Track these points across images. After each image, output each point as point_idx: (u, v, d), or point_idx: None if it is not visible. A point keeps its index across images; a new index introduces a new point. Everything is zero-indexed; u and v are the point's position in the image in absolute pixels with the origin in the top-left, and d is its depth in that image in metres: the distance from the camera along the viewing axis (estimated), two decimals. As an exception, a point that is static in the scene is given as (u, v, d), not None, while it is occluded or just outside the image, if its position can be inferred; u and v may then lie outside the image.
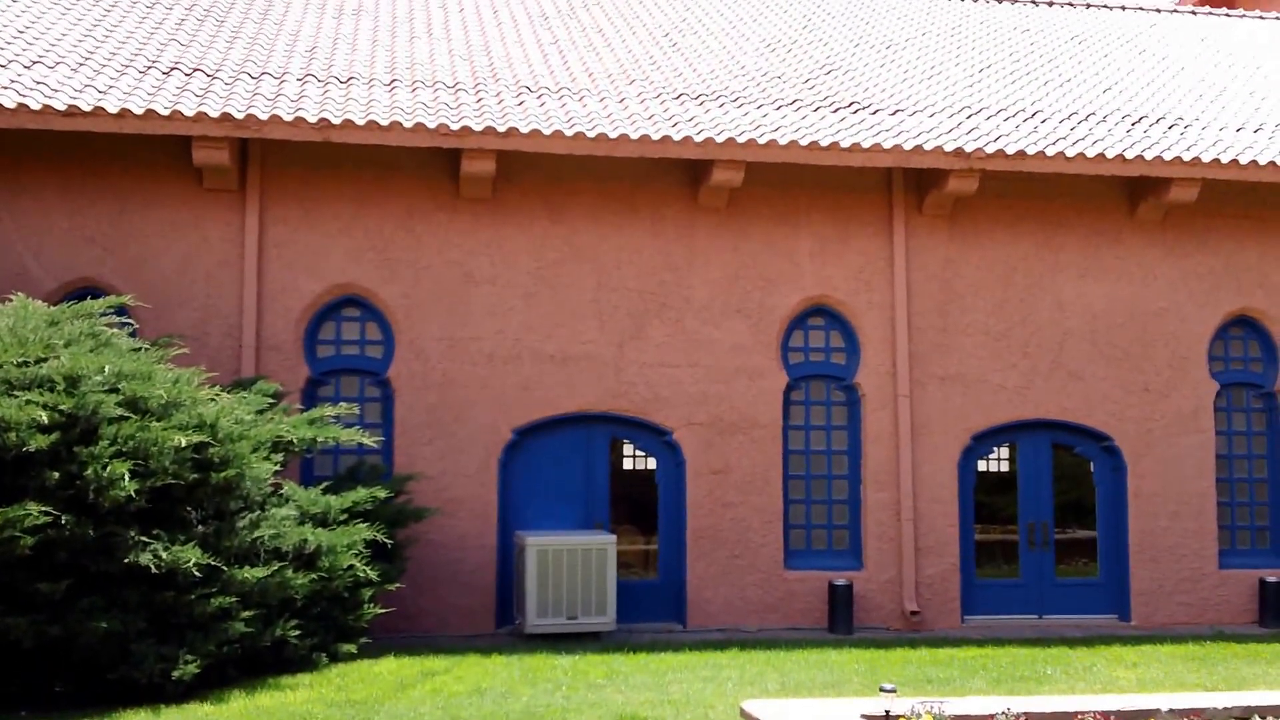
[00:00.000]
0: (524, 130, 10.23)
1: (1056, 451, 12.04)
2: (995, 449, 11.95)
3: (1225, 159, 11.17)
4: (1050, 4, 16.97)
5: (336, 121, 10.00)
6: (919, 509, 11.40)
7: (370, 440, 9.45)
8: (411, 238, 10.87)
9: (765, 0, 15.89)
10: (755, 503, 11.18)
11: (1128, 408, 11.83)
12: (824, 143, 10.71)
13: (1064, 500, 12.63)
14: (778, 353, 11.38)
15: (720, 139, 10.53)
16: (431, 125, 10.11)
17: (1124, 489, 11.84)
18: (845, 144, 10.74)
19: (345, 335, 10.98)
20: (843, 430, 11.63)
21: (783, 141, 10.65)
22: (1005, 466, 14.95)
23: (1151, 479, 11.82)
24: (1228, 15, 17.62)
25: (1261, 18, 17.58)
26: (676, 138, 10.49)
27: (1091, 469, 12.05)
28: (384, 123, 10.07)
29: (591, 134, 10.33)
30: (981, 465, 11.96)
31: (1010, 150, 10.93)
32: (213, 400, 8.09)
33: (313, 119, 9.96)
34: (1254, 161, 11.19)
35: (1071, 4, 16.95)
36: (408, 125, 10.09)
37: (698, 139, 10.50)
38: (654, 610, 11.17)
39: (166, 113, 9.74)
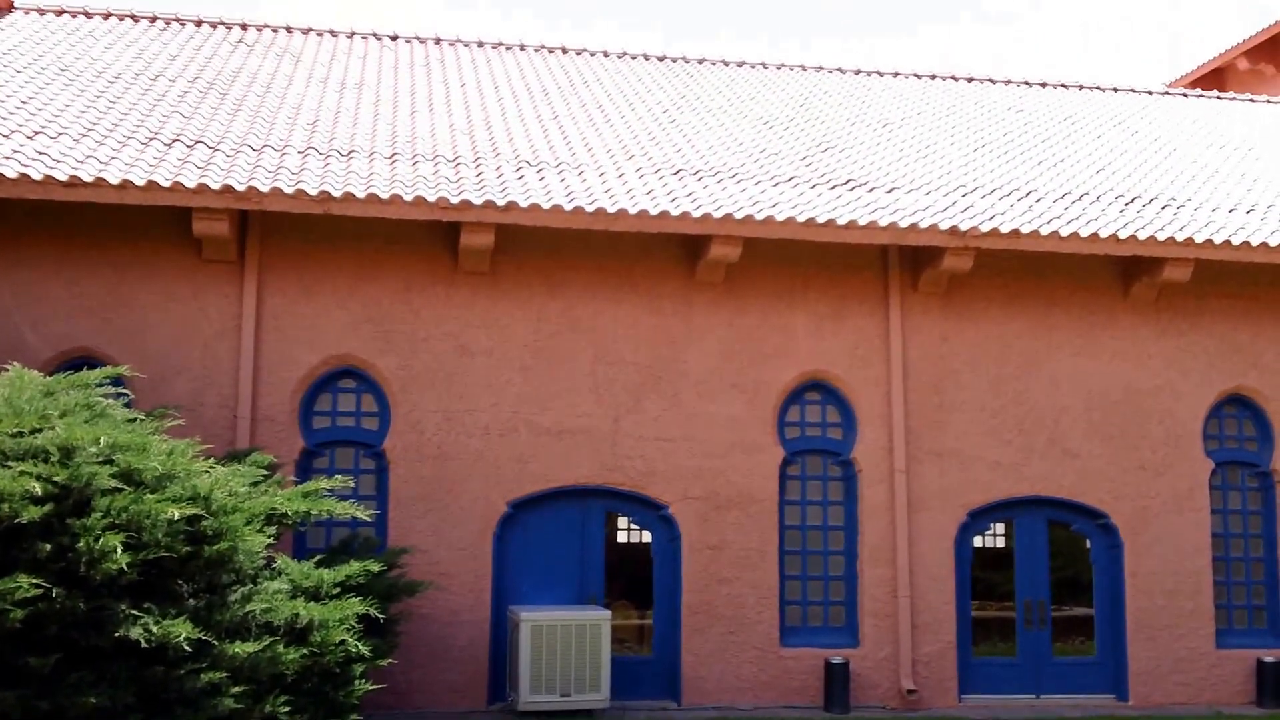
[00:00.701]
0: (523, 204, 10.31)
1: (1053, 528, 12.00)
2: (992, 525, 11.90)
3: (1218, 240, 11.27)
4: (1044, 85, 17.22)
5: (337, 194, 10.07)
6: (915, 586, 11.33)
7: (364, 514, 9.39)
8: (409, 310, 10.90)
9: (763, 78, 16.11)
10: (751, 579, 11.10)
11: (1124, 485, 11.82)
12: (821, 219, 10.80)
13: (1061, 577, 12.56)
14: (774, 427, 11.37)
15: (718, 215, 10.61)
16: (431, 199, 10.19)
17: (1121, 567, 11.79)
18: (842, 221, 10.83)
19: (341, 407, 10.96)
20: (839, 505, 11.59)
21: (780, 218, 10.74)
22: (1001, 543, 14.88)
23: (1148, 557, 11.77)
24: (1219, 98, 17.89)
25: (1252, 101, 17.85)
26: (675, 213, 10.57)
27: (1088, 546, 12.00)
28: (384, 195, 10.14)
29: (590, 209, 10.41)
30: (978, 541, 11.90)
31: (1005, 229, 11.02)
32: (207, 472, 8.04)
33: (313, 191, 10.03)
34: (1246, 242, 11.29)
35: (1064, 85, 17.21)
36: (408, 198, 10.16)
37: (696, 214, 10.59)
38: (648, 687, 11.04)
39: (168, 184, 9.80)
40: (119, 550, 7.05)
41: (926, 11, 44.90)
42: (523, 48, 16.18)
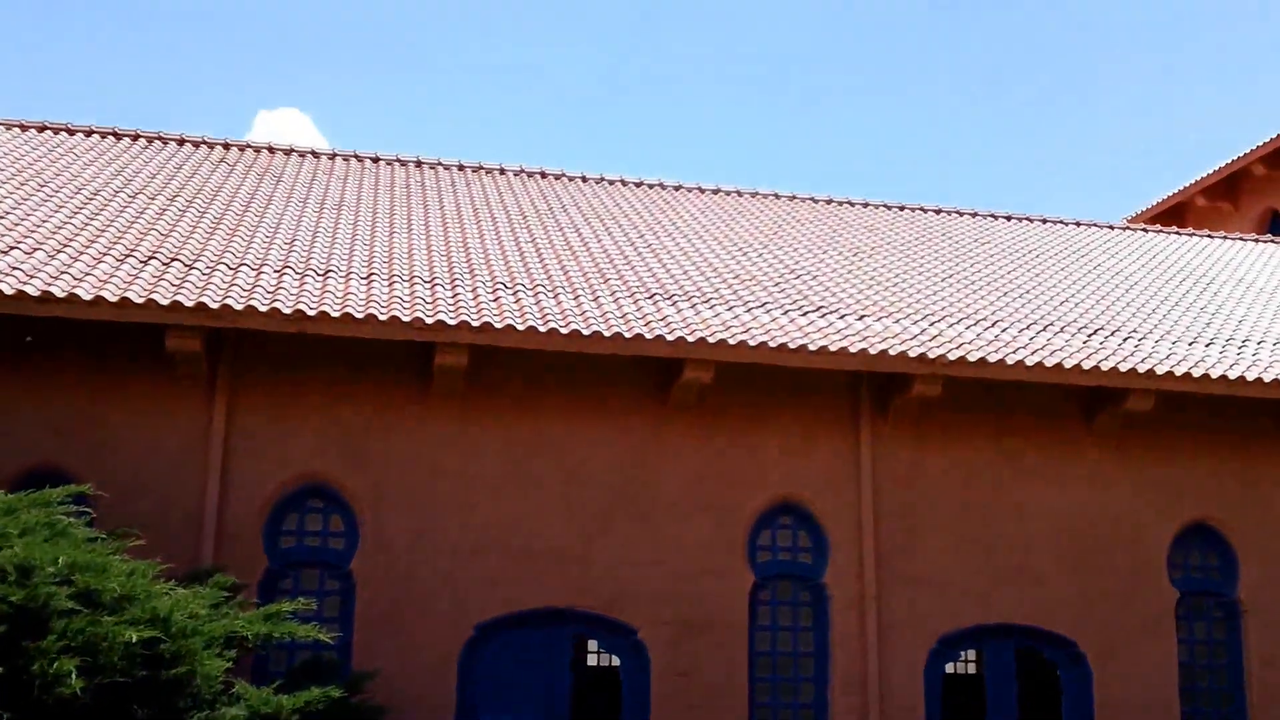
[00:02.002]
0: (498, 326, 10.39)
1: (1024, 656, 11.92)
2: (963, 652, 11.83)
3: (1179, 372, 11.47)
4: (1009, 218, 17.65)
5: (312, 313, 10.12)
6: (886, 714, 11.19)
7: (327, 637, 9.24)
8: (381, 430, 10.88)
9: (737, 205, 16.44)
10: (721, 705, 10.95)
11: (1091, 614, 11.81)
12: (792, 345, 10.93)
13: (1032, 704, 12.46)
14: (745, 551, 11.34)
15: (691, 339, 10.73)
16: (406, 319, 10.26)
17: (1089, 696, 11.73)
18: (813, 347, 10.96)
19: (308, 526, 10.86)
20: (809, 631, 11.51)
21: (752, 343, 10.86)
22: (973, 669, 14.73)
23: (1116, 685, 11.71)
24: (1177, 234, 18.37)
25: (1209, 237, 18.34)
26: (649, 336, 10.68)
27: (1059, 674, 11.94)
28: (359, 315, 10.20)
29: (565, 331, 10.51)
30: (949, 668, 11.81)
31: (972, 358, 11.18)
32: (167, 594, 7.92)
33: (288, 310, 10.09)
34: (1206, 375, 11.49)
35: (1029, 219, 17.65)
36: (382, 318, 10.23)
37: (669, 338, 10.70)
38: (613, 819, 10.78)
39: (141, 300, 9.83)
40: (74, 674, 6.91)
41: (898, 146, 46.13)
42: (502, 171, 16.48)
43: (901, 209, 17.51)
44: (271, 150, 15.77)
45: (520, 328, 10.43)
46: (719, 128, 45.39)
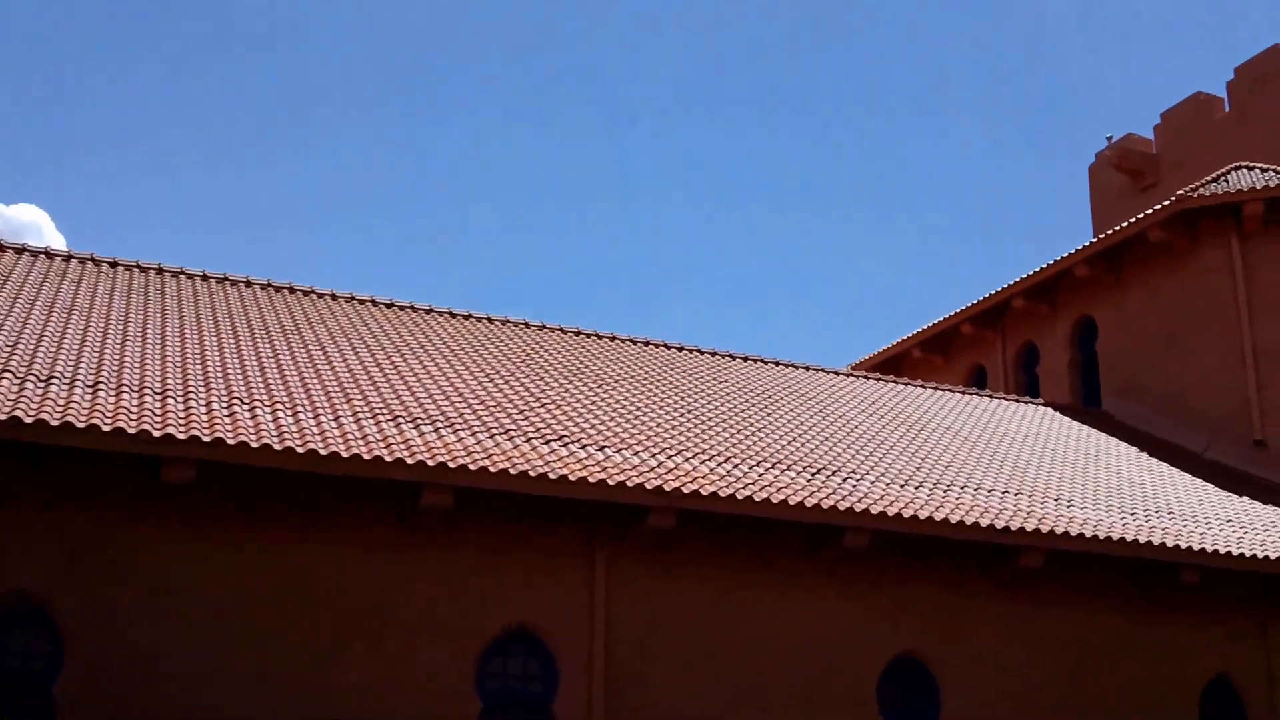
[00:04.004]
0: (230, 442, 10.14)
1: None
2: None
3: (891, 512, 12.28)
4: (744, 359, 18.59)
5: (29, 420, 9.63)
6: None
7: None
8: (97, 545, 10.33)
9: (487, 331, 16.67)
10: (442, 840, 10.69)
11: (810, 744, 12.25)
12: (533, 473, 11.11)
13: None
14: (475, 679, 11.26)
15: (432, 463, 10.75)
16: (132, 430, 9.88)
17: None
18: (553, 476, 11.17)
19: (11, 646, 10.11)
20: (537, 762, 11.46)
21: (493, 469, 10.98)
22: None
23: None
24: (894, 382, 19.77)
25: (922, 386, 19.83)
26: (388, 459, 10.64)
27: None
28: (80, 425, 9.76)
29: (301, 450, 10.35)
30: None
31: (705, 492, 11.66)
32: None
33: (2, 416, 9.55)
34: (915, 515, 12.34)
35: (762, 361, 18.65)
36: (106, 429, 9.82)
37: (409, 462, 10.69)
38: None
39: None
40: None
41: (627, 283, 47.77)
42: (248, 283, 16.19)
43: (646, 344, 18.18)
44: (2, 248, 15.00)
45: (254, 445, 10.21)
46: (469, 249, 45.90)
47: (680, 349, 18.38)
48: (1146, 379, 20.32)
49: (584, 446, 12.40)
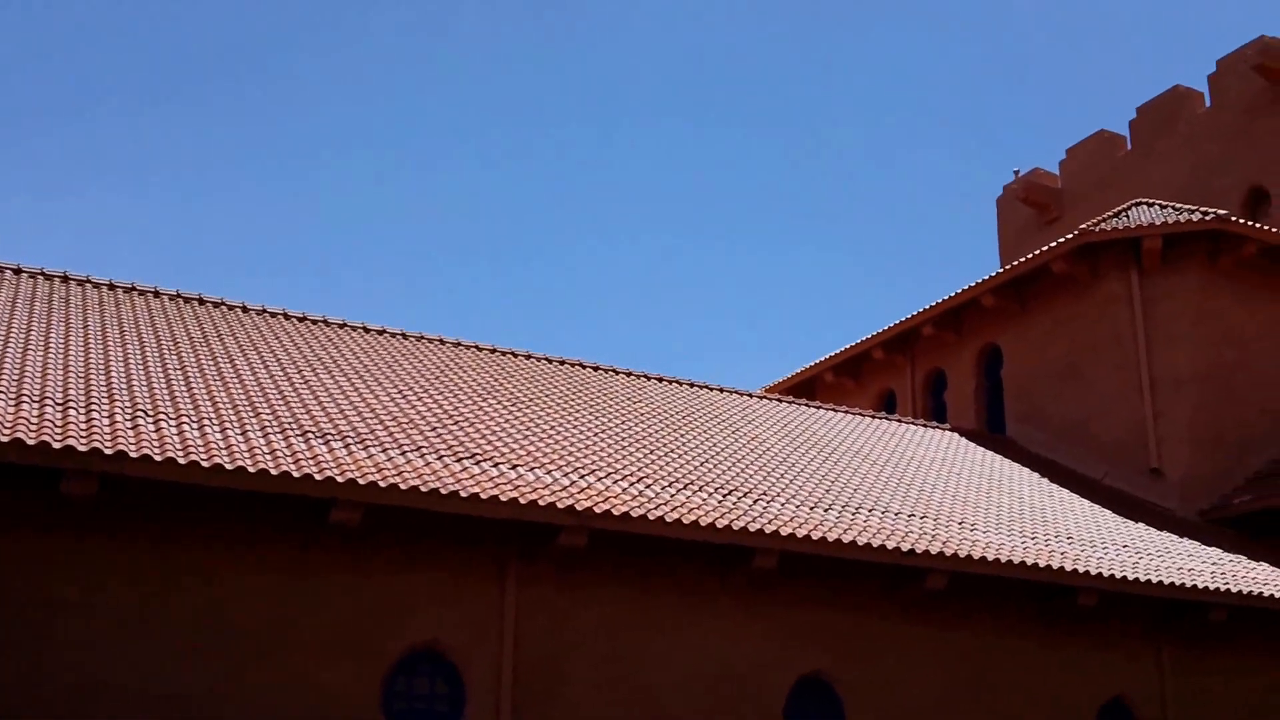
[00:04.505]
0: (134, 455, 9.93)
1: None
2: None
3: (800, 534, 12.42)
4: (660, 380, 18.69)
5: (-77, 430, 9.33)
6: None
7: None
8: (-8, 559, 10.03)
9: (401, 348, 16.55)
10: None
11: (717, 765, 12.31)
12: (444, 491, 11.03)
13: None
14: (381, 699, 11.13)
15: (341, 479, 10.63)
16: (31, 442, 9.63)
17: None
18: (464, 494, 11.11)
19: (-107, 664, 9.76)
20: (442, 783, 11.35)
21: (404, 487, 10.89)
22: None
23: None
24: (806, 405, 20.02)
25: (834, 410, 20.10)
26: (296, 475, 10.49)
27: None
28: (-22, 436, 9.49)
29: (207, 464, 10.17)
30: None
31: (617, 512, 11.68)
32: None
33: (-104, 425, 9.26)
34: (824, 538, 12.50)
35: (678, 382, 18.76)
36: (4, 439, 9.55)
37: (318, 478, 10.55)
38: None
39: None
40: None
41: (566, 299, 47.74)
42: (156, 294, 15.89)
43: (562, 363, 18.18)
44: (-105, 250, 14.53)
45: (158, 458, 10.00)
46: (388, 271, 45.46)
47: (596, 369, 18.42)
48: (1049, 406, 20.85)
49: (496, 465, 12.36)
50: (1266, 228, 19.57)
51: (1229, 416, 19.16)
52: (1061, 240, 20.21)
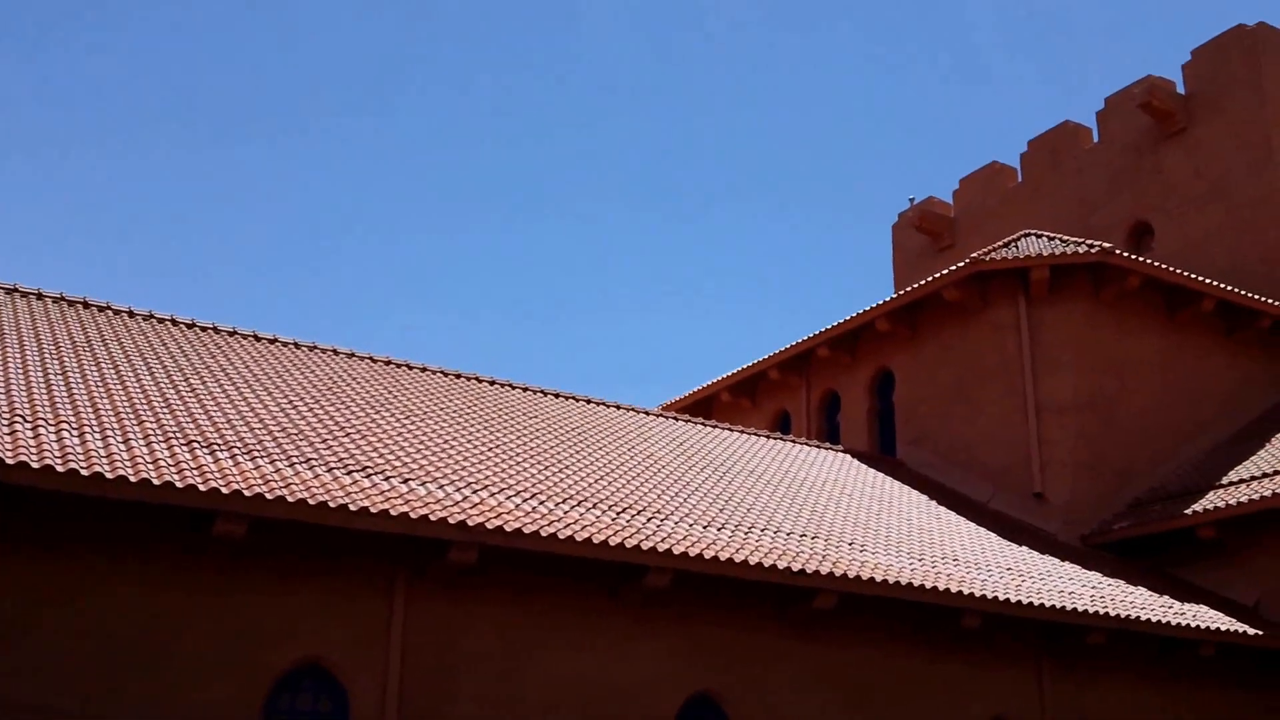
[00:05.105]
0: (9, 462, 9.56)
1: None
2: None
3: (692, 553, 12.46)
4: (557, 396, 18.62)
5: None
6: None
7: None
8: None
9: (293, 358, 16.24)
10: None
11: (604, 783, 12.25)
12: (333, 504, 10.84)
13: None
14: (262, 715, 10.87)
15: (226, 490, 10.38)
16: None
17: None
18: (354, 507, 10.93)
19: None
20: (324, 802, 11.11)
21: (291, 499, 10.67)
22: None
23: None
24: (703, 424, 20.13)
25: (729, 429, 20.24)
26: (179, 485, 10.22)
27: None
28: None
29: (86, 472, 9.85)
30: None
31: (509, 528, 11.59)
32: None
33: None
34: (715, 557, 12.56)
35: (574, 398, 18.71)
36: None
37: (202, 488, 10.29)
38: None
39: None
40: None
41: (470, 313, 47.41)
42: (39, 296, 15.38)
43: (458, 377, 18.02)
44: None
45: (36, 465, 9.66)
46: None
47: (492, 383, 18.30)
48: (938, 430, 21.28)
49: (387, 478, 12.19)
50: (1149, 261, 20.27)
51: (1110, 444, 19.76)
52: (953, 268, 20.67)
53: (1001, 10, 57.29)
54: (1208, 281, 20.66)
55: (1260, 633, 16.35)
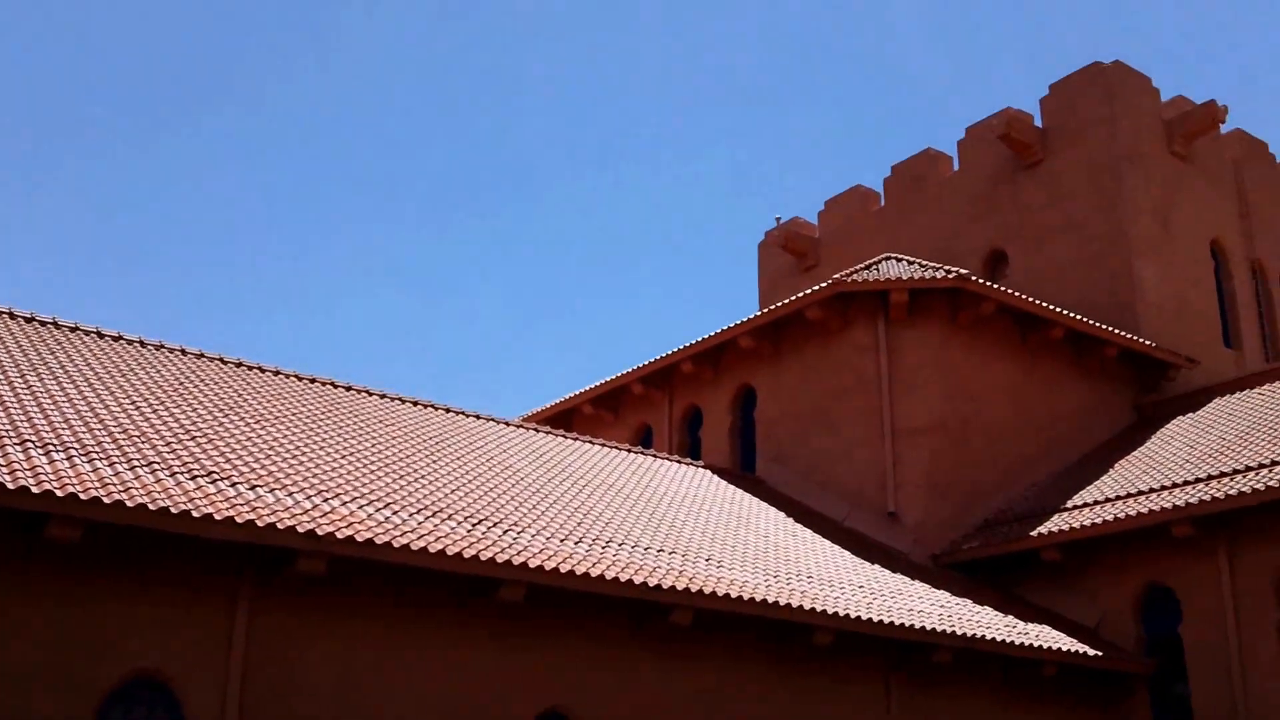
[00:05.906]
0: None
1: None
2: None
3: (548, 566, 12.31)
4: (414, 403, 18.27)
5: None
6: None
7: None
8: None
9: (139, 356, 15.59)
10: None
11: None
12: (175, 510, 10.39)
13: None
14: (90, 732, 10.34)
15: (60, 494, 9.86)
16: None
17: None
18: (197, 514, 10.49)
19: None
20: (154, 822, 10.61)
21: (130, 504, 10.19)
22: None
23: None
24: (563, 436, 19.99)
25: (590, 442, 20.15)
26: (11, 486, 9.67)
27: None
28: None
29: (-96, 473, 9.24)
30: None
31: (360, 539, 11.28)
32: None
33: None
34: (571, 571, 12.43)
35: (433, 406, 18.38)
36: None
37: (35, 490, 9.76)
38: None
39: None
40: None
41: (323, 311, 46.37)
42: None
43: (312, 381, 17.54)
44: None
45: None
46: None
47: (348, 388, 17.86)
48: (797, 448, 21.53)
49: (234, 484, 11.75)
50: (1004, 289, 20.88)
51: (962, 465, 20.26)
52: (816, 288, 20.98)
53: (868, 38, 58.76)
54: (1058, 310, 21.38)
55: (1100, 654, 16.93)
